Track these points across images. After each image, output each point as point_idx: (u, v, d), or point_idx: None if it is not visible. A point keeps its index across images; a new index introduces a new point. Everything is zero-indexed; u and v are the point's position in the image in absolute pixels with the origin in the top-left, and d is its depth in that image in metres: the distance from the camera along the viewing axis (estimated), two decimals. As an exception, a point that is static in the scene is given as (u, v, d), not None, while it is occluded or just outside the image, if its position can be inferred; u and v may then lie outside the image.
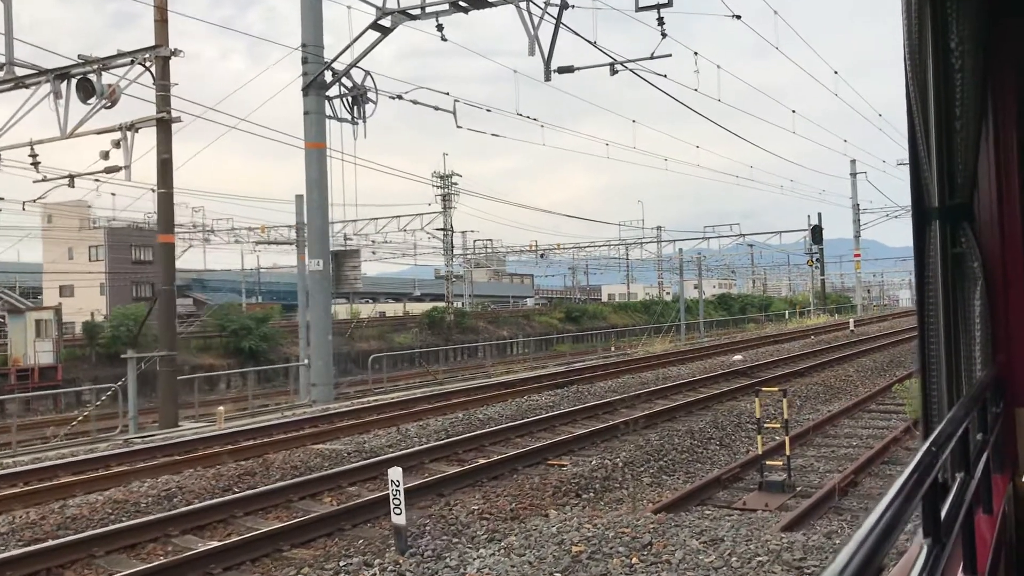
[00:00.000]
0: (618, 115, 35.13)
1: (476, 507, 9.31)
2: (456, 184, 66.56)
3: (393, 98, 23.64)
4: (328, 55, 21.99)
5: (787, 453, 11.15)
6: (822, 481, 11.59)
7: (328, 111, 22.20)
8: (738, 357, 26.21)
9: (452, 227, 67.70)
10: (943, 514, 1.93)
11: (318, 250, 21.42)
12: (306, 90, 21.58)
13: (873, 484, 11.43)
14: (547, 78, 19.61)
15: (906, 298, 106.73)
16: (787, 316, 55.52)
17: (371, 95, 22.85)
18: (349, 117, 22.71)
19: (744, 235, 54.08)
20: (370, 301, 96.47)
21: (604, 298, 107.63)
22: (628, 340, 59.64)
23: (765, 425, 12.16)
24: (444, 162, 63.43)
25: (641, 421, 15.22)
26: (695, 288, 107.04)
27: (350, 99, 22.64)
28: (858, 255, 56.12)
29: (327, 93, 22.09)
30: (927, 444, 1.91)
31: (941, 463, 1.92)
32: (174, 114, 18.14)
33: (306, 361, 23.35)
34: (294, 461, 12.14)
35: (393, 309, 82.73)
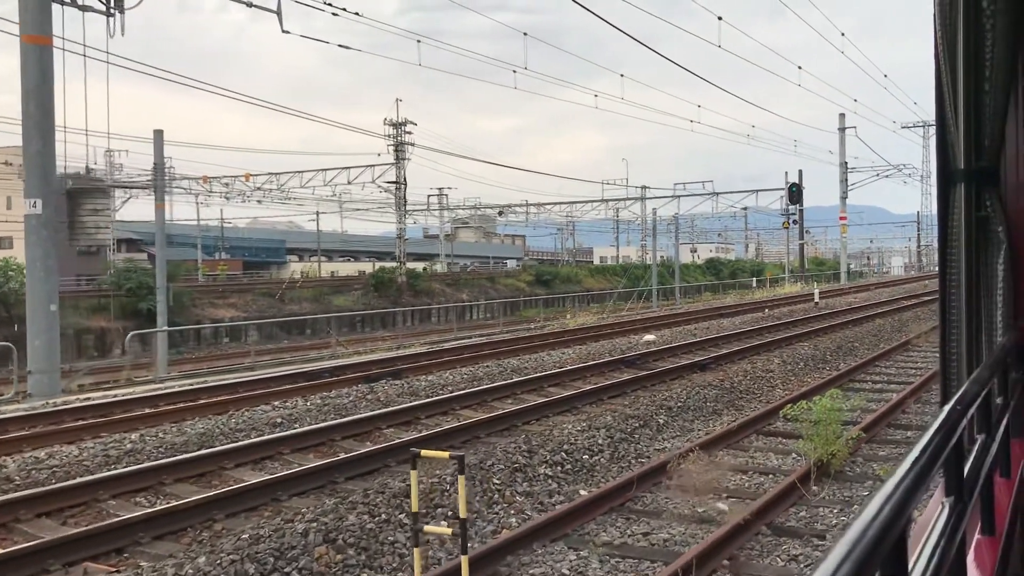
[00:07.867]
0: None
1: None
2: (411, 134, 60.57)
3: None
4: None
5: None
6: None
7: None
8: (650, 337, 20.23)
9: (405, 180, 61.85)
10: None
11: (36, 187, 15.34)
12: (17, -40, 15.42)
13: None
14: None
15: (899, 265, 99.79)
16: (754, 284, 49.11)
17: (133, -24, 16.72)
18: (103, 7, 16.60)
19: (717, 194, 47.69)
20: (352, 259, 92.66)
21: (596, 260, 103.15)
22: (603, 305, 54.35)
23: (425, 527, 6.06)
24: (397, 108, 56.88)
25: (369, 461, 9.29)
26: (691, 251, 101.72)
27: (100, -20, 16.51)
28: (844, 218, 49.43)
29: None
30: (952, 403, 1.87)
31: (965, 423, 1.88)
32: None
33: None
34: None
35: (371, 269, 78.34)
